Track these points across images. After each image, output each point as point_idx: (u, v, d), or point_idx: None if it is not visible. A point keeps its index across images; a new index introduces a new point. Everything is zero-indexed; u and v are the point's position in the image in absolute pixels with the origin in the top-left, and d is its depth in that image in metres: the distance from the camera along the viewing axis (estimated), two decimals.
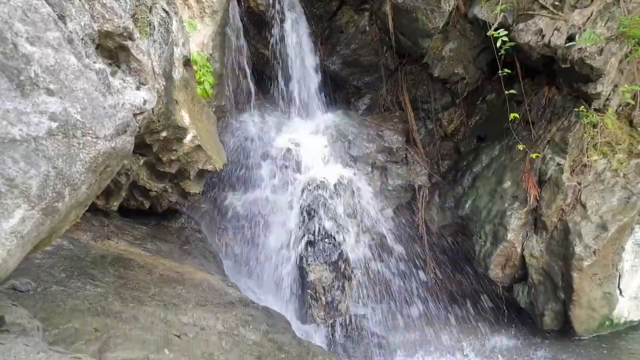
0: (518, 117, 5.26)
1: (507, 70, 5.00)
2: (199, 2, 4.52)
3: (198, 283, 3.66)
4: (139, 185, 4.04)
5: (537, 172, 5.15)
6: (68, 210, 1.64)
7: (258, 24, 5.83)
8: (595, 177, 4.88)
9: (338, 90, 6.54)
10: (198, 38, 4.58)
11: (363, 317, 5.31)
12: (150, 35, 2.90)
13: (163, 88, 3.05)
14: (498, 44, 4.75)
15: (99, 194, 3.70)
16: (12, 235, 1.42)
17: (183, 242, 4.41)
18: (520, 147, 5.16)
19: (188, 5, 4.50)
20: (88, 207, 2.10)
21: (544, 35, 4.93)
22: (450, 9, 5.58)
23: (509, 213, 5.18)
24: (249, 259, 5.47)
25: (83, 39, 1.72)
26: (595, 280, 4.72)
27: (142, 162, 3.79)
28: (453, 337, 5.36)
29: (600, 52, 4.70)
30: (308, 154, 5.63)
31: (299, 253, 5.19)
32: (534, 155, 5.09)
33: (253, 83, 5.88)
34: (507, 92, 5.04)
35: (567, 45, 4.80)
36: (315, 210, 5.25)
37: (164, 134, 3.52)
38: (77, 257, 3.14)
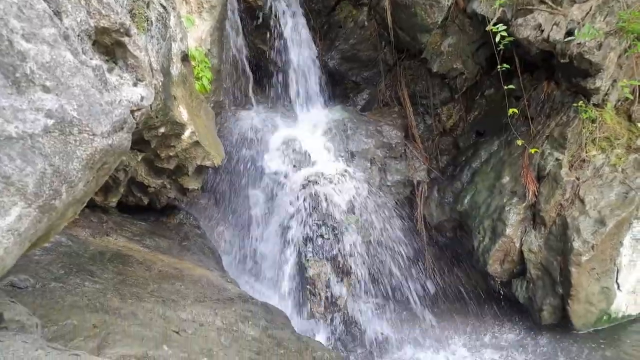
0: (517, 112, 5.25)
1: (506, 66, 4.98)
2: None
3: (197, 279, 3.66)
4: (138, 182, 4.04)
5: (535, 167, 5.15)
6: (65, 208, 1.63)
7: (256, 19, 5.81)
8: (594, 172, 4.88)
9: (336, 86, 6.52)
10: (196, 33, 4.57)
11: (362, 312, 5.33)
12: (148, 31, 2.89)
13: (161, 84, 3.04)
14: (497, 39, 4.73)
15: (97, 190, 3.70)
16: (8, 233, 1.41)
17: (182, 238, 4.41)
18: (519, 142, 5.17)
19: (186, 0, 4.48)
20: (87, 203, 2.10)
21: (543, 30, 4.91)
22: (449, 4, 5.56)
23: (508, 208, 5.18)
24: (248, 254, 5.48)
25: (79, 36, 1.71)
26: (593, 275, 4.73)
27: (140, 158, 3.78)
28: (451, 331, 5.38)
29: (599, 46, 4.68)
30: (307, 150, 5.62)
31: (298, 249, 5.19)
32: (533, 151, 5.09)
33: (251, 78, 5.87)
34: (506, 87, 5.03)
35: (566, 40, 4.78)
36: (314, 206, 5.25)
37: (162, 130, 3.51)
38: (75, 253, 3.14)
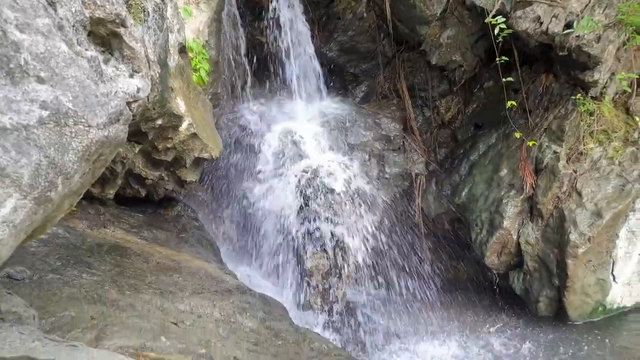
0: (515, 105, 5.24)
1: (504, 58, 4.97)
2: None
3: (195, 271, 3.67)
4: (135, 174, 4.03)
5: (533, 160, 5.15)
6: (61, 199, 1.63)
7: (254, 10, 5.78)
8: (591, 165, 4.89)
9: (335, 78, 6.50)
10: (193, 24, 4.54)
11: (360, 303, 5.35)
12: (145, 22, 2.87)
13: (158, 75, 3.03)
14: (496, 32, 4.70)
15: (94, 182, 3.69)
16: (3, 225, 1.41)
17: (180, 230, 4.41)
18: (517, 135, 5.17)
19: None
20: (83, 195, 2.10)
21: (542, 23, 4.89)
22: None
23: (505, 201, 5.19)
24: (246, 247, 5.49)
25: (74, 26, 1.69)
26: (590, 267, 4.75)
27: (137, 150, 3.77)
28: (448, 323, 5.40)
29: (598, 39, 4.66)
30: (305, 142, 5.61)
31: (296, 241, 5.20)
32: (531, 143, 5.09)
33: (249, 70, 5.84)
34: (504, 79, 5.01)
35: (564, 33, 4.76)
36: (312, 198, 5.25)
37: (160, 122, 3.50)
38: (73, 245, 3.14)
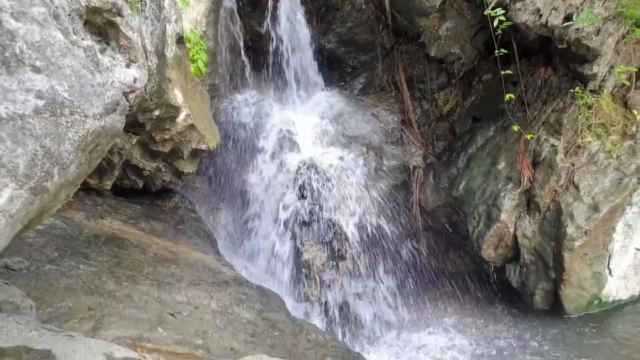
0: (514, 98, 5.23)
1: (503, 51, 4.95)
2: None
3: (192, 262, 3.67)
4: (132, 165, 4.02)
5: (531, 153, 5.15)
6: (58, 190, 1.62)
7: (253, 1, 5.74)
8: (589, 158, 4.89)
9: (333, 69, 6.47)
10: (191, 15, 4.51)
11: (357, 295, 5.36)
12: (142, 12, 2.85)
13: (155, 66, 3.01)
14: (495, 24, 4.68)
15: (92, 173, 3.69)
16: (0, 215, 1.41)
17: (177, 221, 4.41)
18: (515, 128, 5.16)
19: None
20: (81, 186, 2.09)
21: (542, 15, 4.87)
22: None
23: (503, 194, 5.19)
24: (243, 238, 5.49)
25: (70, 15, 1.68)
26: (586, 260, 4.77)
27: (135, 141, 3.76)
28: (445, 315, 5.43)
29: (597, 32, 4.65)
30: (303, 134, 5.60)
31: (294, 233, 5.21)
32: (529, 137, 5.08)
33: (247, 61, 5.81)
34: (503, 72, 5.00)
35: (564, 25, 4.74)
36: (310, 190, 5.25)
37: (157, 113, 3.49)
38: (70, 236, 3.14)
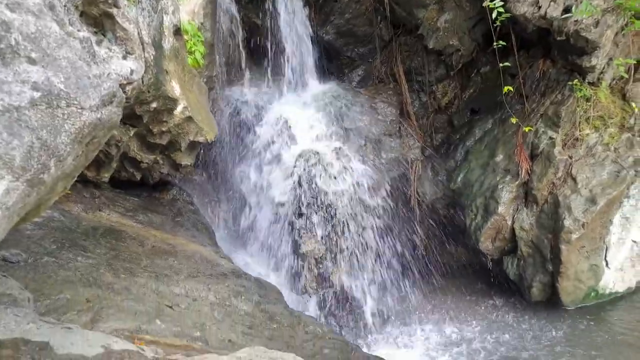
0: (512, 90, 5.22)
1: (502, 43, 4.94)
2: None
3: (190, 255, 3.68)
4: (130, 157, 4.01)
5: (529, 145, 5.16)
6: (55, 182, 1.62)
7: None
8: (587, 150, 4.90)
9: (331, 61, 6.45)
10: (189, 6, 4.48)
11: (355, 288, 5.38)
12: (139, 3, 2.82)
13: (152, 58, 2.99)
14: (494, 16, 4.67)
15: (89, 165, 3.67)
16: None
17: (175, 213, 4.41)
18: (514, 120, 5.16)
19: None
20: (78, 178, 2.08)
21: (540, 7, 4.85)
22: None
23: (501, 186, 5.20)
24: (242, 230, 5.49)
25: (65, 6, 1.66)
26: (583, 253, 4.78)
27: (132, 133, 3.75)
28: (443, 307, 5.45)
29: (596, 24, 4.63)
30: (301, 126, 5.59)
31: (292, 225, 5.21)
32: (527, 129, 5.08)
33: (245, 53, 5.78)
34: (501, 64, 4.99)
35: (563, 17, 4.73)
36: (308, 183, 5.25)
37: (154, 105, 3.47)
38: (68, 228, 3.14)
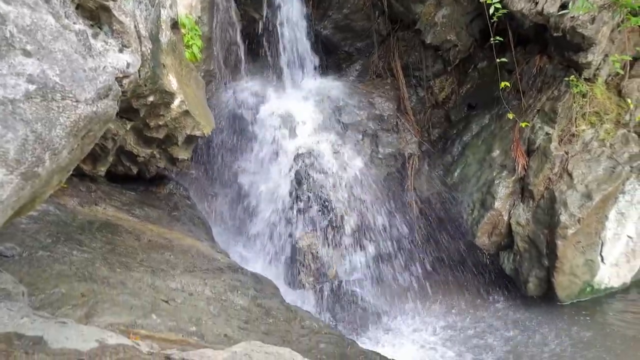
0: (509, 85, 5.23)
1: (499, 38, 4.95)
2: None
3: (186, 249, 3.67)
4: (127, 151, 4.00)
5: (526, 141, 5.17)
6: (49, 175, 1.61)
7: None
8: (583, 146, 4.91)
9: (329, 56, 6.44)
10: (186, 0, 4.46)
11: (351, 282, 5.39)
12: None
13: (149, 51, 2.97)
14: (491, 11, 4.68)
15: (85, 159, 3.67)
16: None
17: (172, 208, 4.41)
18: (510, 116, 5.17)
19: None
20: (74, 172, 2.08)
21: (537, 3, 4.85)
22: None
23: (497, 182, 5.22)
24: (239, 225, 5.49)
25: None
26: (579, 248, 4.81)
27: (129, 127, 3.74)
28: (439, 302, 5.47)
29: (593, 20, 4.64)
30: (298, 121, 5.58)
31: (289, 219, 5.22)
32: (524, 125, 5.09)
33: (243, 47, 5.76)
34: (498, 60, 5.00)
35: (559, 13, 4.73)
36: (306, 178, 5.25)
37: (151, 99, 3.46)
38: (63, 222, 3.13)
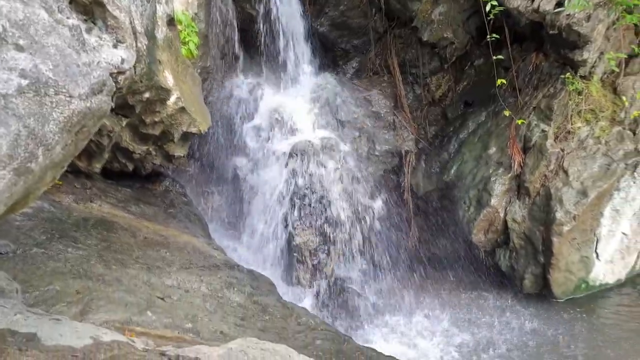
0: (505, 83, 5.24)
1: (495, 36, 4.96)
2: None
3: (182, 246, 3.67)
4: (122, 147, 3.98)
5: (522, 138, 5.18)
6: (43, 171, 1.60)
7: None
8: (578, 144, 4.93)
9: (326, 53, 6.43)
10: None
11: (348, 279, 5.39)
12: None
13: (145, 47, 2.95)
14: (487, 8, 4.68)
15: (81, 156, 3.65)
16: None
17: (168, 205, 4.40)
18: (507, 113, 5.17)
19: None
20: (69, 168, 2.07)
21: (534, 0, 4.87)
22: None
23: (493, 179, 5.23)
24: (236, 223, 5.49)
25: None
26: (574, 245, 4.83)
27: (125, 123, 3.72)
28: (435, 299, 5.48)
29: (588, 18, 4.66)
30: (295, 118, 5.57)
31: (286, 217, 5.21)
32: (520, 122, 5.10)
33: (239, 44, 5.75)
34: (495, 57, 5.00)
35: (555, 11, 4.75)
36: (302, 175, 5.25)
37: (147, 95, 3.45)
38: (58, 219, 3.11)
